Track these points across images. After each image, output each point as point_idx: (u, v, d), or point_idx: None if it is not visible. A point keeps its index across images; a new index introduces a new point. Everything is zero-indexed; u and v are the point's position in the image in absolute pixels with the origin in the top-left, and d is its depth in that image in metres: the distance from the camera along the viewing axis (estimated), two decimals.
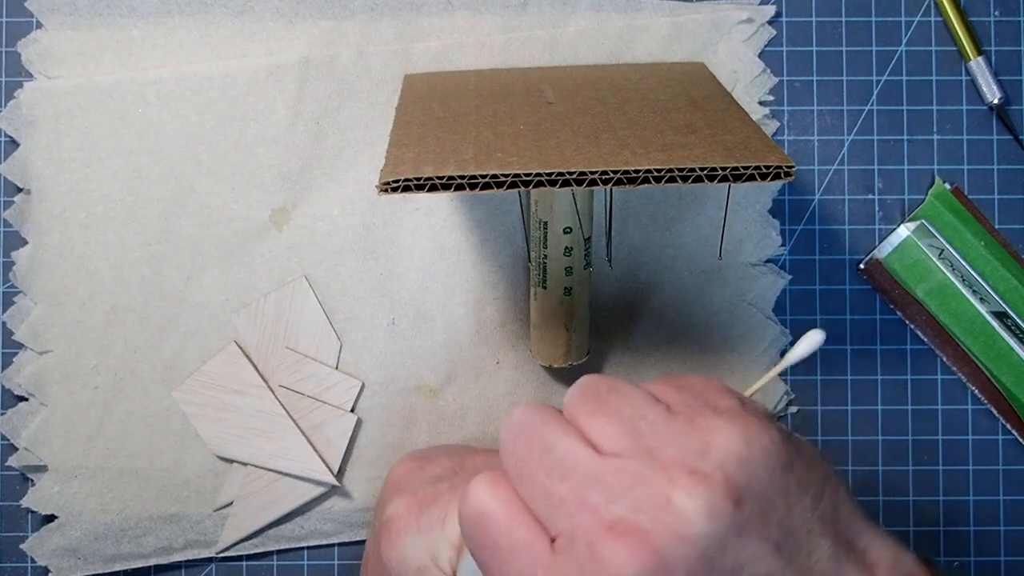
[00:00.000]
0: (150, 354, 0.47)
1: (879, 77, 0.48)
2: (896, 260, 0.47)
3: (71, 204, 0.46)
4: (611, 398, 0.30)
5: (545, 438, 0.29)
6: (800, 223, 0.48)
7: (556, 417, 0.30)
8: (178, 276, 0.46)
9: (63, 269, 0.46)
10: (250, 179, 0.46)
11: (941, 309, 0.47)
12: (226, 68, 0.46)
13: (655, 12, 0.47)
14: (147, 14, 0.46)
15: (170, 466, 0.47)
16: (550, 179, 0.32)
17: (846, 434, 0.48)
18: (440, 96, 0.41)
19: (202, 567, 0.48)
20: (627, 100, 0.40)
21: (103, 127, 0.46)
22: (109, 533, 0.47)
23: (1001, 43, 0.48)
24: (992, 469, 0.48)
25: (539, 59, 0.47)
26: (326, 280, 0.47)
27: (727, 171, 0.32)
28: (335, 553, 0.48)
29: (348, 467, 0.47)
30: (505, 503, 0.29)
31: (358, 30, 0.46)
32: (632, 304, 0.47)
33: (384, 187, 0.32)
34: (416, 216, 0.47)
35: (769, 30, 0.48)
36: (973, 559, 0.48)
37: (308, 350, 0.47)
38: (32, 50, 0.46)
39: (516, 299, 0.47)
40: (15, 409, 0.47)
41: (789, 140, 0.48)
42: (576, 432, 0.29)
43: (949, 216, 0.47)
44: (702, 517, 0.26)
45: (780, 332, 0.48)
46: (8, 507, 0.48)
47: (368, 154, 0.47)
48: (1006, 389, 0.47)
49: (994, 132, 0.48)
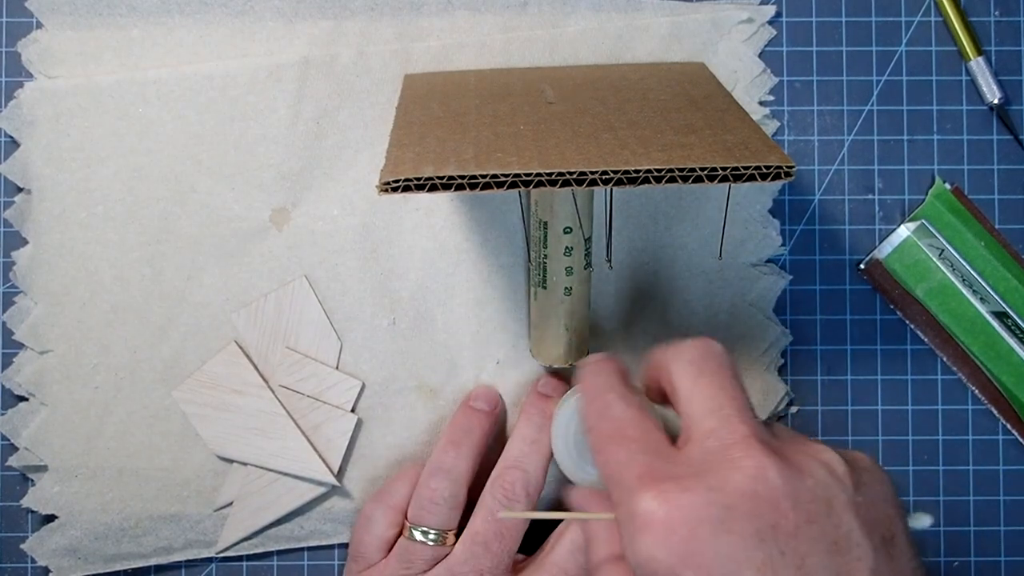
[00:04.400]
0: (150, 354, 0.47)
1: (879, 77, 0.48)
2: (896, 260, 0.47)
3: (71, 204, 0.46)
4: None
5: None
6: (800, 223, 0.48)
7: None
8: (178, 276, 0.46)
9: (63, 269, 0.46)
10: (250, 179, 0.46)
11: (941, 309, 0.47)
12: (226, 68, 0.46)
13: (655, 12, 0.47)
14: (147, 14, 0.46)
15: (170, 466, 0.47)
16: (550, 179, 0.32)
17: (846, 434, 0.48)
18: (440, 96, 0.41)
19: (202, 567, 0.48)
20: (627, 100, 0.40)
21: (103, 127, 0.46)
22: (109, 533, 0.47)
23: (1001, 43, 0.48)
24: (992, 469, 0.48)
25: (539, 59, 0.47)
26: (326, 280, 0.47)
27: (727, 171, 0.32)
28: (335, 553, 0.48)
29: (348, 467, 0.47)
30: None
31: (358, 30, 0.46)
32: (632, 304, 0.47)
33: (384, 187, 0.32)
34: (416, 216, 0.47)
35: (769, 30, 0.48)
36: (973, 559, 0.48)
37: (308, 350, 0.47)
38: (32, 50, 0.46)
39: (516, 299, 0.47)
40: (15, 409, 0.47)
41: (789, 140, 0.48)
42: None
43: (949, 216, 0.47)
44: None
45: (780, 332, 0.48)
46: (8, 507, 0.48)
47: (368, 154, 0.47)
48: (1006, 389, 0.47)
49: (994, 132, 0.48)
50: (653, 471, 0.30)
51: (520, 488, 0.43)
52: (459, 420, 0.45)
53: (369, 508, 0.44)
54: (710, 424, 0.31)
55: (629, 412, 0.33)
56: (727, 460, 0.30)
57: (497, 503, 0.43)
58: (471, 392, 0.47)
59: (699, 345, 0.34)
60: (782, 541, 0.29)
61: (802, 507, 0.29)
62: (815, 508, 0.29)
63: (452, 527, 0.43)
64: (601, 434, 0.33)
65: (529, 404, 0.45)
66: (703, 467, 0.30)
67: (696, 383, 0.33)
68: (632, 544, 0.30)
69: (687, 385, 0.33)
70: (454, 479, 0.43)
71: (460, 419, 0.46)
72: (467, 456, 0.44)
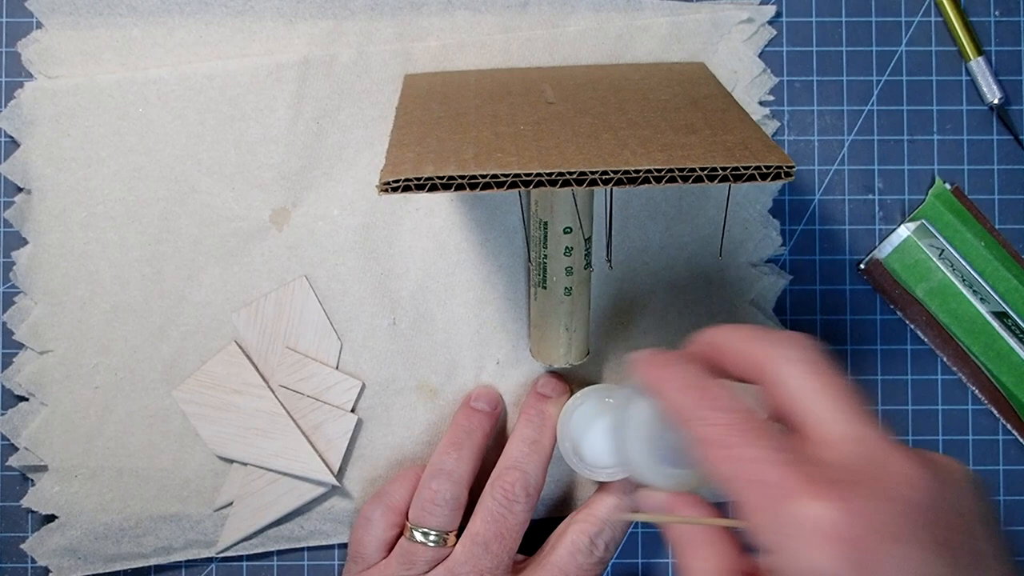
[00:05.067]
0: (150, 354, 0.47)
1: (879, 77, 0.48)
2: (896, 260, 0.47)
3: (71, 204, 0.46)
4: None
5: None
6: (800, 223, 0.48)
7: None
8: (178, 276, 0.46)
9: (63, 269, 0.46)
10: (250, 179, 0.46)
11: (941, 309, 0.47)
12: (226, 68, 0.46)
13: (655, 12, 0.47)
14: (147, 14, 0.46)
15: (170, 466, 0.47)
16: (550, 179, 0.32)
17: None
18: (440, 96, 0.41)
19: (202, 567, 0.48)
20: (627, 100, 0.40)
21: (103, 127, 0.46)
22: (109, 533, 0.47)
23: (1001, 43, 0.48)
24: (992, 469, 0.48)
25: (539, 59, 0.47)
26: (326, 280, 0.47)
27: (727, 171, 0.32)
28: (335, 553, 0.48)
29: (348, 467, 0.47)
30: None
31: (358, 30, 0.46)
32: (632, 304, 0.47)
33: (384, 187, 0.32)
34: (416, 216, 0.47)
35: (769, 30, 0.48)
36: None
37: (308, 350, 0.47)
38: (32, 50, 0.46)
39: (516, 299, 0.47)
40: (15, 409, 0.46)
41: (789, 140, 0.48)
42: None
43: (949, 216, 0.47)
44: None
45: None
46: (8, 507, 0.48)
47: (368, 154, 0.47)
48: (1006, 389, 0.47)
49: (994, 132, 0.48)
50: (809, 475, 0.28)
51: (520, 488, 0.43)
52: (460, 421, 0.45)
53: (368, 509, 0.44)
54: (843, 428, 0.30)
55: (740, 405, 0.31)
56: (879, 467, 0.28)
57: (496, 503, 0.43)
58: (472, 392, 0.47)
59: (807, 342, 0.32)
60: (955, 551, 0.27)
61: (962, 517, 0.28)
62: (968, 519, 0.28)
63: (453, 528, 0.43)
64: (713, 431, 0.31)
65: (528, 405, 0.45)
66: (857, 473, 0.28)
67: (815, 382, 0.31)
68: (791, 553, 0.27)
69: (802, 384, 0.31)
70: (455, 481, 0.43)
71: (461, 420, 0.45)
72: (468, 458, 0.44)
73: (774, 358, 0.31)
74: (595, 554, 0.42)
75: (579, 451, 0.43)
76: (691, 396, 0.32)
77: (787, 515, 0.28)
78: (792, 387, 0.31)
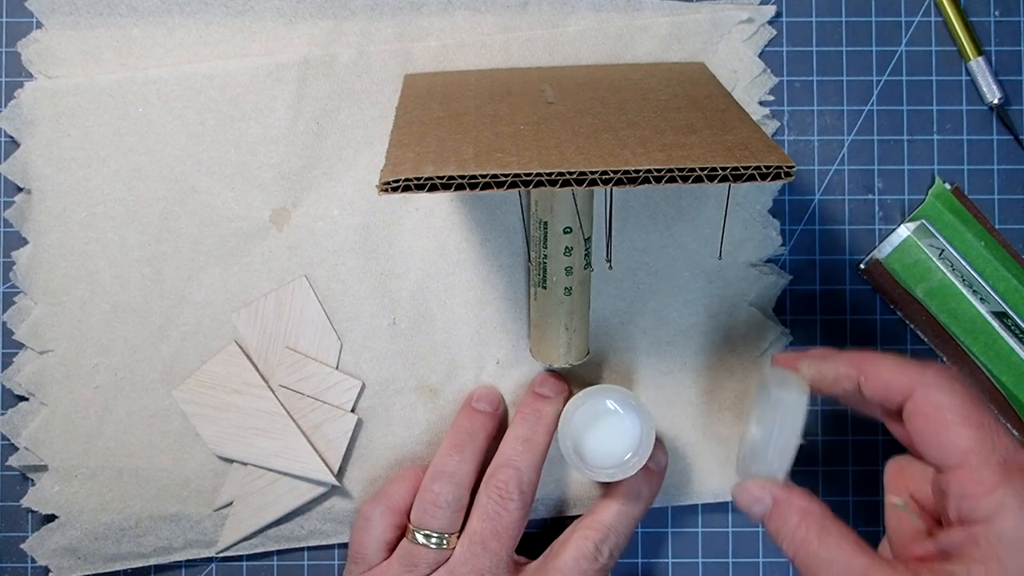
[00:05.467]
0: (150, 354, 0.47)
1: (879, 77, 0.48)
2: (896, 260, 0.47)
3: (71, 204, 0.46)
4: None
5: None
6: (800, 223, 0.48)
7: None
8: (178, 276, 0.46)
9: (63, 269, 0.46)
10: (250, 179, 0.46)
11: (941, 309, 0.47)
12: (226, 68, 0.46)
13: (655, 12, 0.47)
14: (147, 14, 0.46)
15: (170, 466, 0.47)
16: (550, 179, 0.32)
17: (846, 434, 0.48)
18: (440, 96, 0.41)
19: (202, 567, 0.48)
20: (627, 100, 0.40)
21: (103, 127, 0.46)
22: (109, 533, 0.47)
23: (1001, 43, 0.48)
24: None
25: (539, 59, 0.47)
26: (326, 280, 0.47)
27: (727, 171, 0.32)
28: (335, 553, 0.48)
29: (348, 467, 0.47)
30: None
31: (358, 30, 0.46)
32: (632, 304, 0.47)
33: (384, 187, 0.32)
34: (416, 216, 0.47)
35: (769, 30, 0.48)
36: None
37: (308, 350, 0.47)
38: (32, 50, 0.46)
39: (516, 299, 0.47)
40: (15, 409, 0.47)
41: (789, 140, 0.48)
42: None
43: (949, 216, 0.47)
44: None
45: (781, 332, 0.48)
46: (8, 507, 0.48)
47: (368, 154, 0.47)
48: (1006, 389, 0.47)
49: (994, 132, 0.48)
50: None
51: (513, 486, 0.43)
52: (462, 422, 0.45)
53: (367, 509, 0.44)
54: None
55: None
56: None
57: (491, 502, 0.43)
58: (473, 393, 0.47)
59: (959, 384, 0.35)
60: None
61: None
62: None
63: (455, 530, 0.43)
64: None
65: (525, 404, 0.45)
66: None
67: (972, 429, 0.34)
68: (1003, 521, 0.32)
69: (961, 432, 0.34)
70: (457, 483, 0.43)
71: (463, 421, 0.45)
72: (470, 460, 0.44)
73: (928, 397, 0.35)
74: (600, 560, 0.42)
75: (580, 451, 0.43)
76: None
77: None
78: (948, 432, 0.34)
